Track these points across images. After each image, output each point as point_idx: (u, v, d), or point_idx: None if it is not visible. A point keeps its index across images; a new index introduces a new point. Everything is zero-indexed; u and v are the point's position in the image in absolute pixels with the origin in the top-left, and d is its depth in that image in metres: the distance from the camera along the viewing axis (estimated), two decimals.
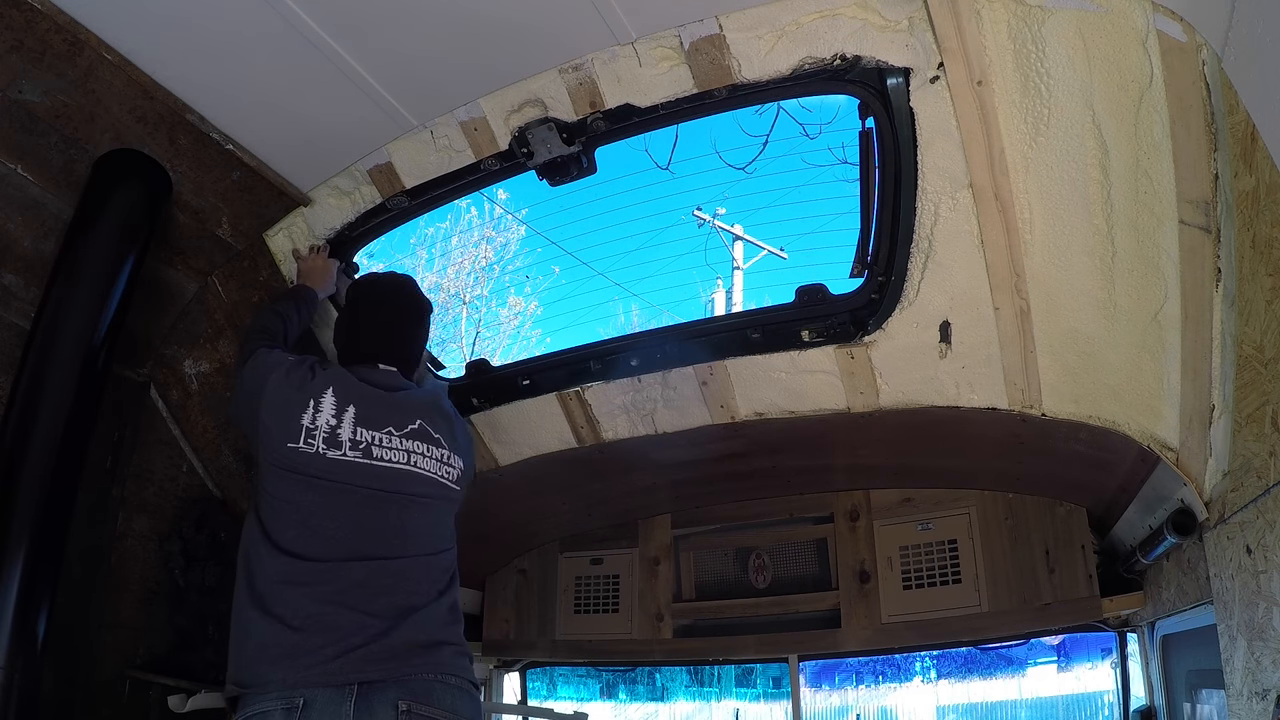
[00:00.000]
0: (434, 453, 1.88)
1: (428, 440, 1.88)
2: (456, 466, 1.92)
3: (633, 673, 6.08)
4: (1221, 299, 1.55)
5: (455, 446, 1.94)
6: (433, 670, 1.63)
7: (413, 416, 1.90)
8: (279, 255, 2.41)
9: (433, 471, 1.87)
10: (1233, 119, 1.36)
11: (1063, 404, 2.04)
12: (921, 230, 1.87)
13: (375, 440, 1.82)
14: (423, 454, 1.87)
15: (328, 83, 1.87)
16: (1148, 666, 2.67)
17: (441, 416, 1.96)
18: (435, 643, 1.67)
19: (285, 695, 1.53)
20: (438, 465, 1.88)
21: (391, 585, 1.71)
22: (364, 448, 1.81)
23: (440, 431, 1.92)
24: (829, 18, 1.67)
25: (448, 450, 1.91)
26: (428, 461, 1.87)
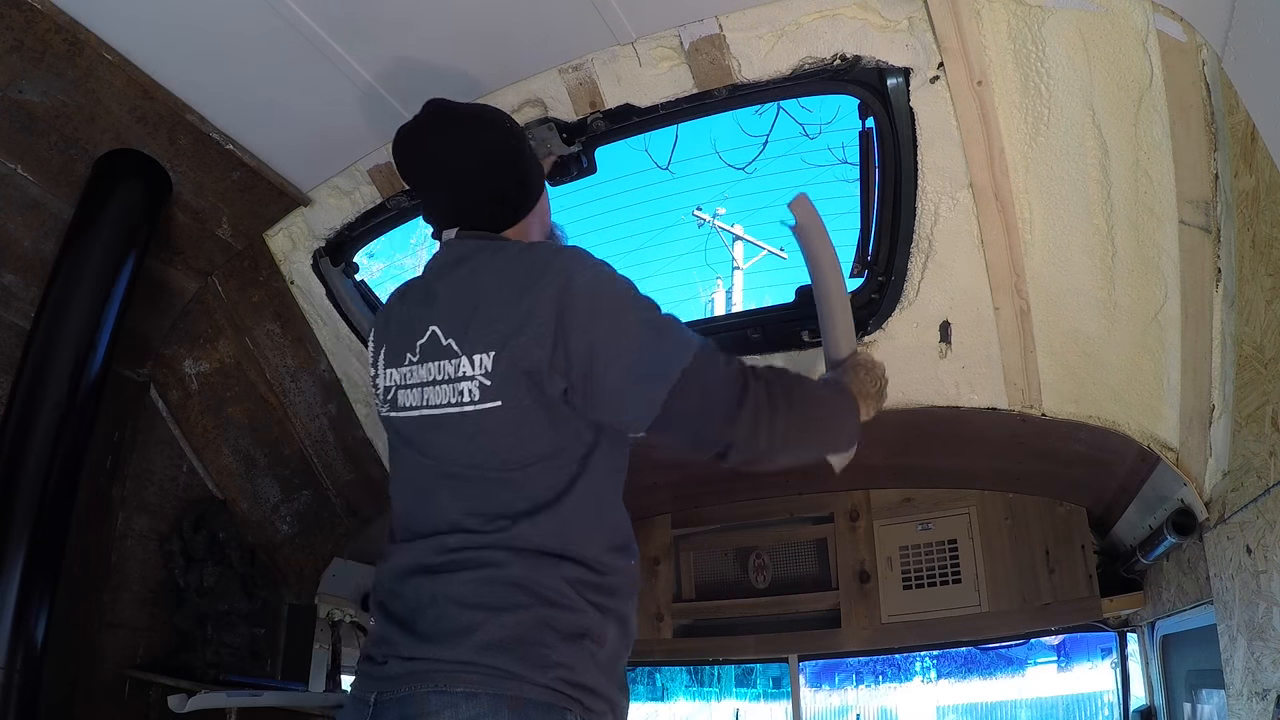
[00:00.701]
0: (446, 370, 1.24)
1: (438, 355, 1.26)
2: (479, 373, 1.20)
3: (632, 673, 6.10)
4: (1221, 299, 1.55)
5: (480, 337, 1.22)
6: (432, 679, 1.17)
7: (429, 322, 1.28)
8: (279, 255, 2.42)
9: (444, 403, 1.24)
10: (1233, 119, 1.36)
11: (1063, 404, 2.04)
12: (921, 230, 1.87)
13: (400, 380, 1.32)
14: (432, 381, 1.26)
15: (328, 83, 1.87)
16: (1148, 666, 2.67)
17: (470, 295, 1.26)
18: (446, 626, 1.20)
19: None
20: (450, 391, 1.23)
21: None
22: (392, 398, 1.34)
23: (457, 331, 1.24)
24: (829, 18, 1.67)
25: (460, 355, 1.23)
26: (439, 391, 1.25)
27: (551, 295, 1.18)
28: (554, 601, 1.18)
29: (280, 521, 2.84)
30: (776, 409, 1.25)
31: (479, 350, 1.21)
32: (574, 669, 1.17)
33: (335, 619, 3.22)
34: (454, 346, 1.24)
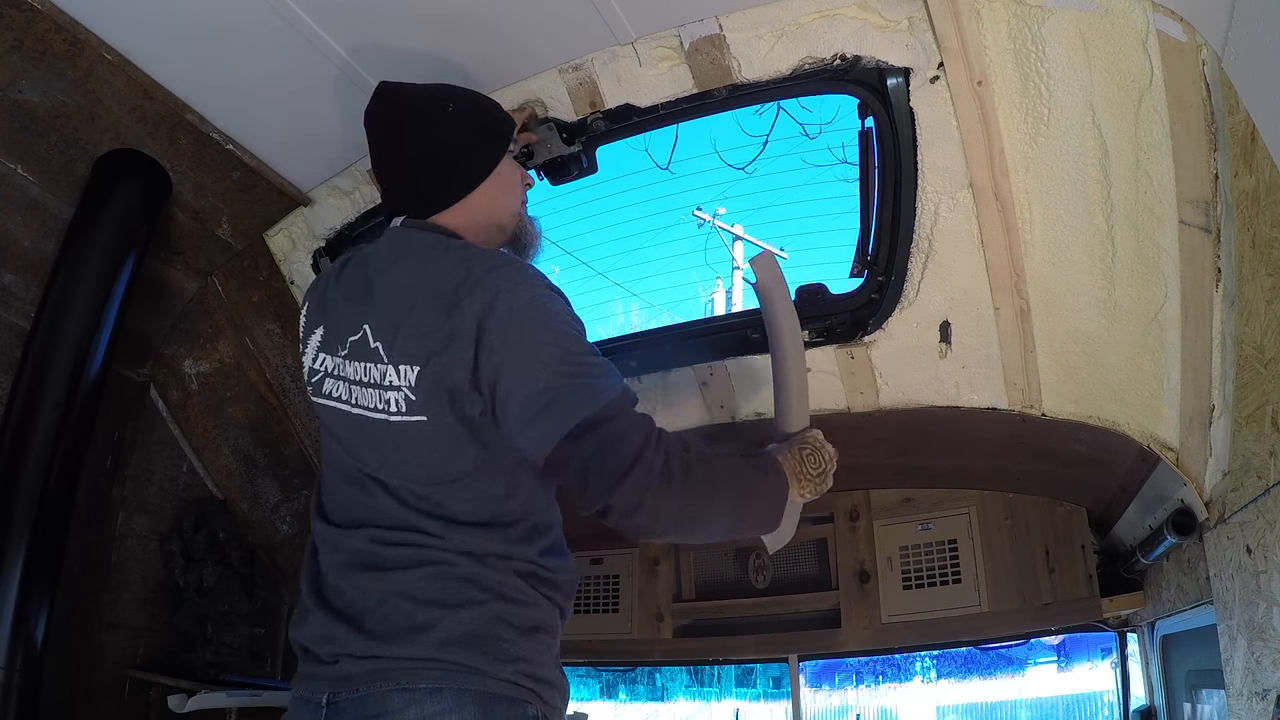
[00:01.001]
0: (372, 374, 1.20)
1: (365, 357, 1.21)
2: (404, 383, 1.16)
3: (633, 673, 6.08)
4: (1221, 299, 1.55)
5: (405, 349, 1.17)
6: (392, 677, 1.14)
7: (362, 320, 1.23)
8: (279, 255, 2.42)
9: (370, 407, 1.20)
10: (1233, 119, 1.36)
11: (1063, 404, 2.04)
12: (921, 230, 1.87)
13: (333, 370, 1.27)
14: (359, 382, 1.22)
15: (328, 83, 1.87)
16: (1148, 666, 2.67)
17: (400, 300, 1.20)
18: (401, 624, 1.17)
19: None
20: (376, 395, 1.19)
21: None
22: (321, 386, 1.29)
23: (384, 336, 1.20)
24: (829, 18, 1.67)
25: (386, 363, 1.18)
26: (366, 393, 1.21)
27: (475, 313, 1.13)
28: (508, 597, 1.17)
29: (280, 521, 2.84)
30: (670, 484, 1.15)
31: (404, 362, 1.17)
32: (532, 662, 1.16)
33: None
34: (381, 352, 1.19)
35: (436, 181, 1.33)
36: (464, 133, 1.36)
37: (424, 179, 1.33)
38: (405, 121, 1.34)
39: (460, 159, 1.35)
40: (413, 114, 1.35)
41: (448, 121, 1.35)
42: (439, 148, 1.34)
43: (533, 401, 1.13)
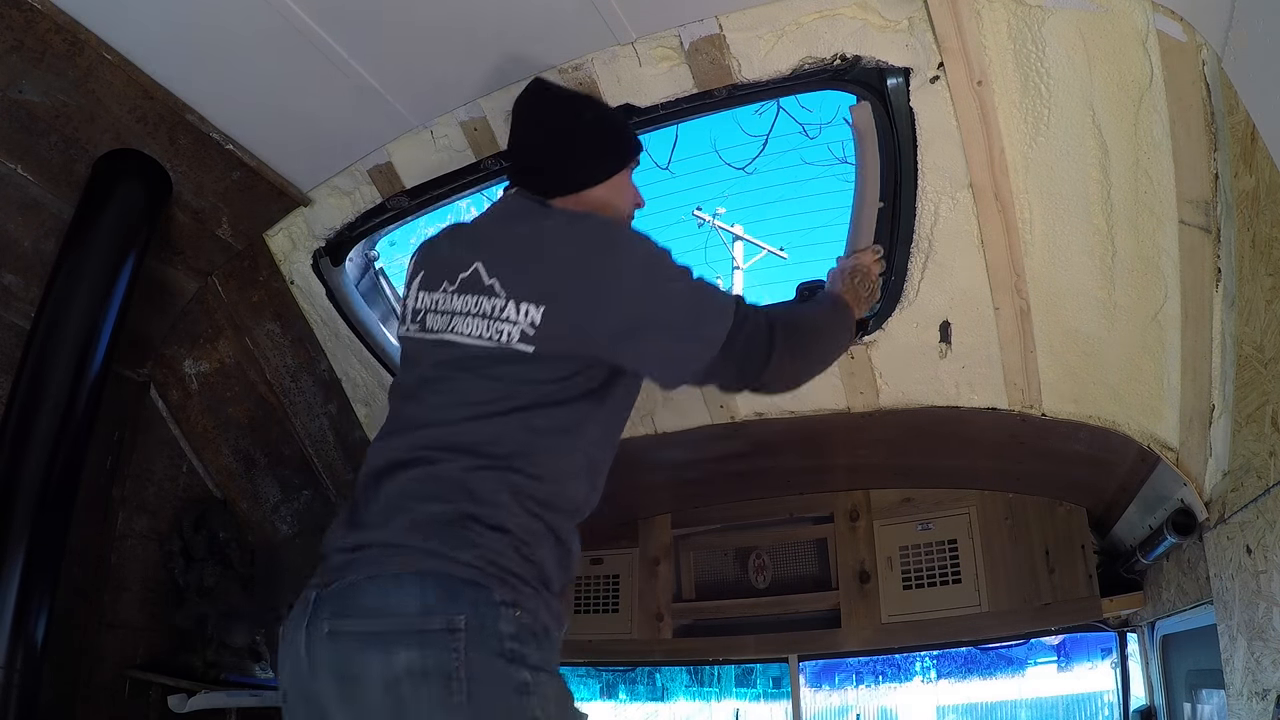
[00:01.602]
0: (482, 306, 1.29)
1: (477, 290, 1.30)
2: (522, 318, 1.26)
3: (633, 673, 6.08)
4: (1221, 299, 1.55)
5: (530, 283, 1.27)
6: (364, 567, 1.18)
7: (473, 257, 1.34)
8: (279, 255, 2.42)
9: (471, 334, 1.29)
10: (1233, 119, 1.36)
11: (1063, 404, 2.04)
12: (921, 230, 1.87)
13: (432, 304, 1.37)
14: (464, 312, 1.31)
15: (328, 83, 1.87)
16: (1148, 666, 2.67)
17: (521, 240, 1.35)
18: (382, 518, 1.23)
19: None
20: (482, 324, 1.28)
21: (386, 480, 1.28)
22: (421, 317, 1.39)
23: (501, 272, 1.29)
24: (829, 18, 1.67)
25: (504, 299, 1.27)
26: (468, 322, 1.30)
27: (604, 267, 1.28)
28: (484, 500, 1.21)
29: (280, 521, 2.84)
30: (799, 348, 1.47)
31: (528, 300, 1.26)
32: (498, 553, 1.18)
33: None
34: (497, 287, 1.29)
35: (556, 171, 1.50)
36: (590, 139, 1.54)
37: (547, 166, 1.51)
38: (543, 116, 1.55)
39: (581, 161, 1.52)
40: (553, 112, 1.55)
41: (581, 126, 1.54)
42: (566, 144, 1.52)
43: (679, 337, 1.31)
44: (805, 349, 1.49)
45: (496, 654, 1.11)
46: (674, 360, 1.34)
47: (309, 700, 1.16)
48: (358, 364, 2.61)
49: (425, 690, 1.08)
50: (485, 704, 1.08)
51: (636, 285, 1.29)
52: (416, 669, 1.08)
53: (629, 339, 1.29)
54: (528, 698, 1.12)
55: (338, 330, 2.53)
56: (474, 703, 1.07)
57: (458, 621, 1.10)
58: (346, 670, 1.11)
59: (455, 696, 1.07)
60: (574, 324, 1.27)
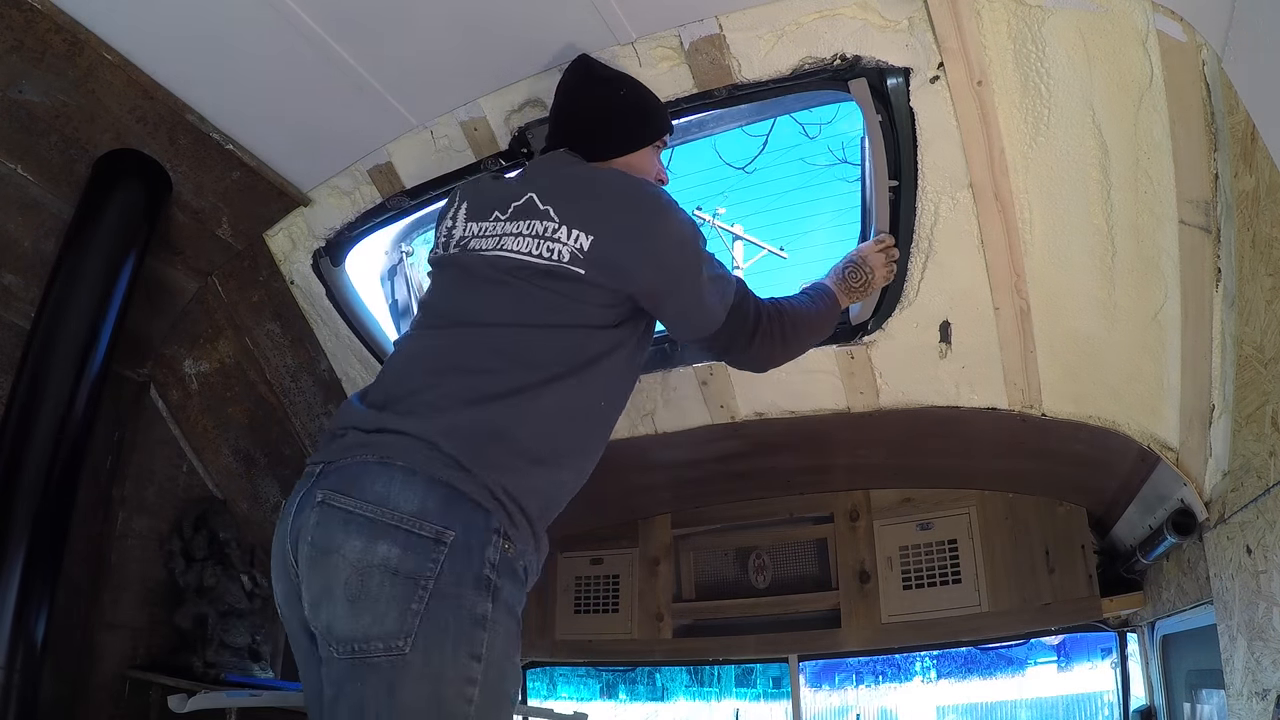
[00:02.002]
0: (535, 228, 1.39)
1: (530, 215, 1.42)
2: (572, 242, 1.36)
3: (633, 673, 6.08)
4: (1221, 299, 1.55)
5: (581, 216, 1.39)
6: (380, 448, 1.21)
7: (526, 190, 1.46)
8: (279, 255, 2.42)
9: (523, 251, 1.38)
10: (1233, 119, 1.36)
11: (1063, 404, 2.04)
12: (921, 230, 1.87)
13: (479, 231, 1.47)
14: (516, 233, 1.41)
15: (328, 83, 1.87)
16: (1148, 666, 2.67)
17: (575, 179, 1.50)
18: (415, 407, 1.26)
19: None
20: (534, 243, 1.38)
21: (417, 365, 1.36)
22: (465, 242, 1.48)
23: (557, 198, 1.42)
24: (829, 18, 1.67)
25: (558, 223, 1.38)
26: (520, 240, 1.39)
27: (649, 217, 1.43)
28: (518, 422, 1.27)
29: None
30: (779, 333, 1.61)
31: (579, 228, 1.38)
32: (513, 479, 1.23)
33: None
34: (551, 213, 1.41)
35: (594, 135, 1.63)
36: (626, 110, 1.67)
37: (586, 130, 1.64)
38: (586, 87, 1.68)
39: (618, 128, 1.65)
40: (596, 85, 1.69)
41: (619, 98, 1.67)
42: (606, 112, 1.65)
43: (699, 305, 1.48)
44: (785, 338, 1.63)
45: (471, 578, 1.15)
46: (690, 322, 1.51)
47: (286, 568, 1.23)
48: (358, 364, 2.61)
49: (390, 586, 1.11)
50: (437, 618, 1.11)
51: (675, 250, 1.44)
52: (391, 565, 1.12)
53: (661, 294, 1.44)
54: (480, 631, 1.14)
55: (338, 330, 2.53)
56: (429, 615, 1.10)
57: (445, 536, 1.14)
58: (328, 541, 1.15)
59: (414, 604, 1.10)
60: (617, 261, 1.38)
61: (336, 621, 1.12)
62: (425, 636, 1.10)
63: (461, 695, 1.12)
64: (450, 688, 1.11)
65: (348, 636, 1.11)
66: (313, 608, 1.16)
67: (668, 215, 1.46)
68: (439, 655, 1.11)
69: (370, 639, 1.10)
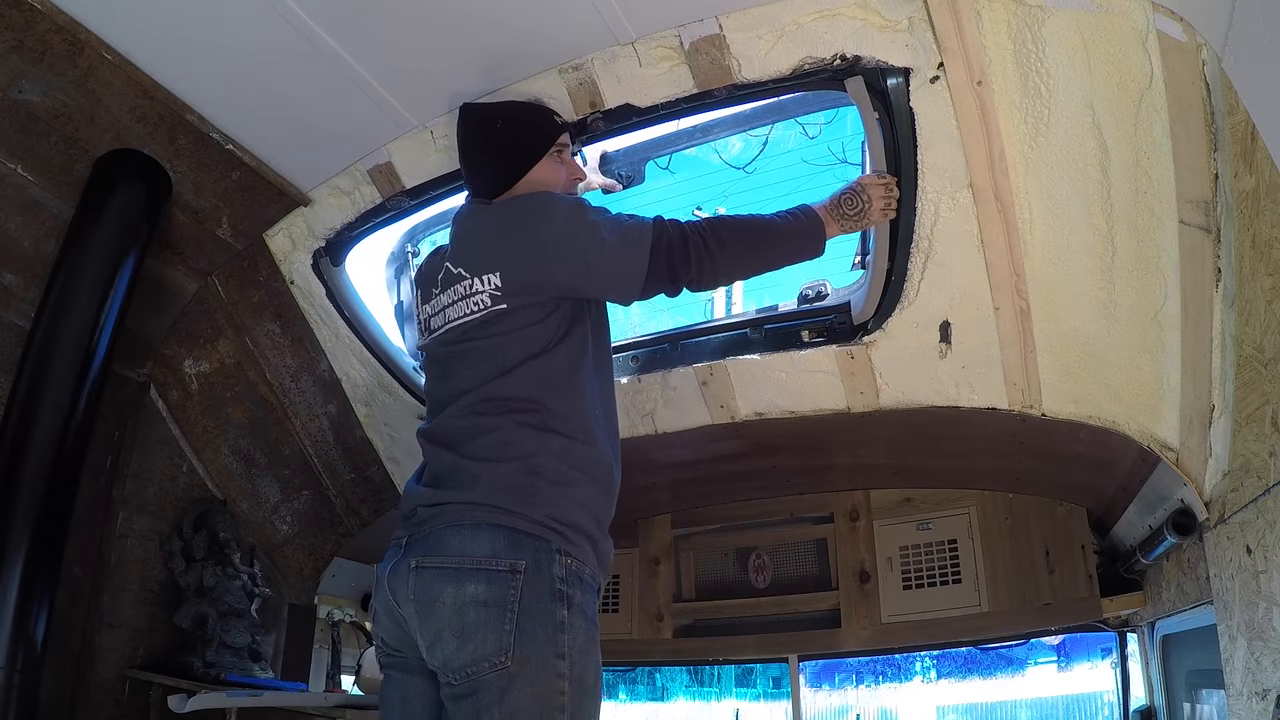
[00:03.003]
0: (458, 291, 1.58)
1: (452, 282, 1.60)
2: (487, 286, 1.54)
3: (633, 673, 6.08)
4: (1221, 299, 1.55)
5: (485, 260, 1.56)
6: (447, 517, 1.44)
7: (443, 262, 1.64)
8: (279, 255, 2.42)
9: (460, 316, 1.57)
10: (1233, 119, 1.36)
11: (1063, 404, 2.04)
12: (921, 230, 1.87)
13: (432, 310, 1.66)
14: (450, 303, 1.60)
15: (328, 83, 1.87)
16: (1148, 666, 2.67)
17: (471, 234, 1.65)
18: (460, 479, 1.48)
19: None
20: (463, 305, 1.57)
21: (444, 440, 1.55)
22: (428, 323, 1.67)
23: (461, 259, 1.60)
24: (829, 18, 1.67)
25: (470, 277, 1.56)
26: (454, 308, 1.59)
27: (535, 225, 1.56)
28: (542, 459, 1.46)
29: (280, 521, 2.84)
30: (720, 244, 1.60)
31: (486, 271, 1.55)
32: (559, 507, 1.43)
33: (335, 619, 3.22)
34: (463, 272, 1.58)
35: (486, 175, 1.74)
36: (505, 141, 1.74)
37: (480, 173, 1.76)
38: (468, 134, 1.78)
39: (502, 160, 1.73)
40: (473, 127, 1.78)
41: (494, 133, 1.75)
42: (488, 151, 1.75)
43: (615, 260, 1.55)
44: (734, 244, 1.62)
45: (547, 593, 1.37)
46: (619, 280, 1.58)
47: (395, 620, 1.45)
48: (358, 364, 2.61)
49: (485, 614, 1.34)
50: (528, 632, 1.34)
51: (566, 235, 1.54)
52: (481, 598, 1.35)
53: (580, 281, 1.55)
54: (561, 635, 1.36)
55: (338, 330, 2.53)
56: (520, 630, 1.33)
57: (519, 566, 1.37)
58: (428, 595, 1.38)
59: (506, 625, 1.33)
60: (525, 277, 1.54)
61: (451, 656, 1.35)
62: (521, 648, 1.33)
63: (555, 689, 1.34)
64: (546, 685, 1.33)
65: (461, 665, 1.34)
66: (429, 650, 1.39)
67: (546, 208, 1.57)
68: (534, 661, 1.33)
69: (479, 661, 1.33)
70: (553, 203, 1.59)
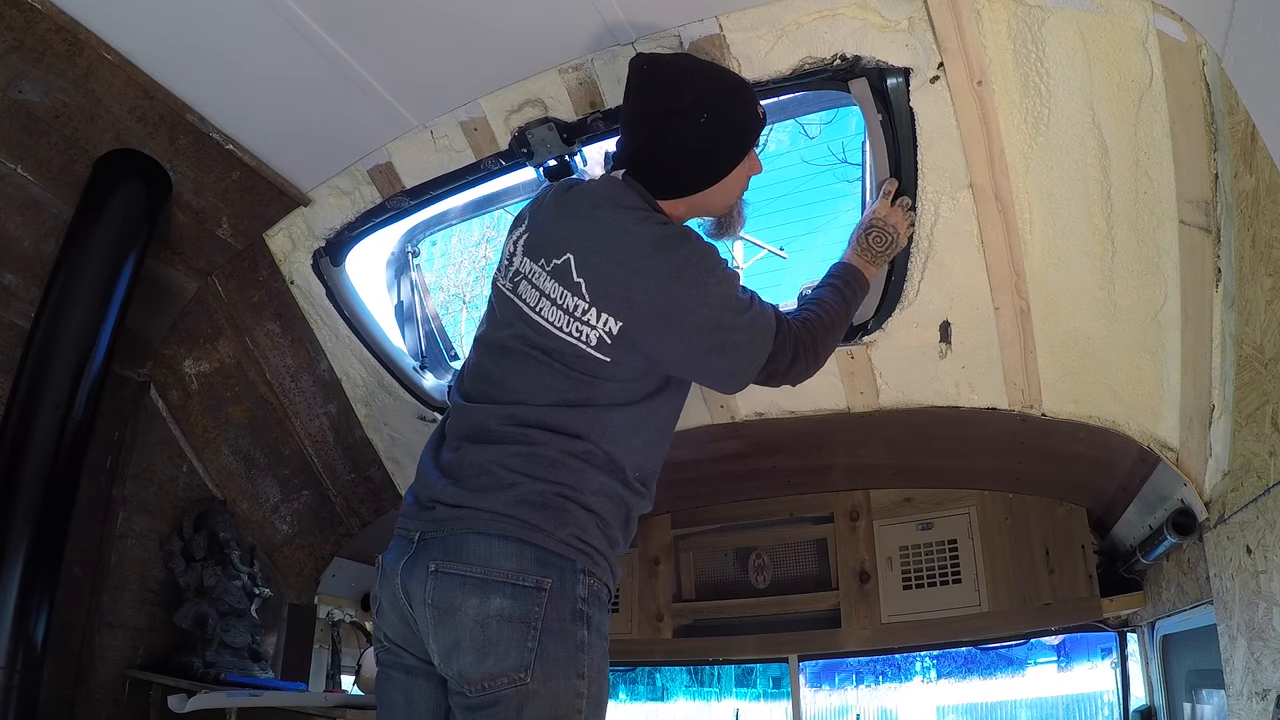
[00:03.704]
0: (567, 302, 1.43)
1: (565, 284, 1.43)
2: (599, 325, 1.41)
3: (633, 673, 6.08)
4: (1221, 299, 1.55)
5: (612, 295, 1.41)
6: (472, 523, 1.38)
7: (566, 246, 1.46)
8: (279, 255, 2.42)
9: (554, 324, 1.43)
10: (1233, 119, 1.36)
11: (1063, 404, 2.04)
12: (921, 230, 1.87)
13: (528, 272, 1.50)
14: (552, 300, 1.44)
15: (328, 83, 1.87)
16: (1148, 666, 2.67)
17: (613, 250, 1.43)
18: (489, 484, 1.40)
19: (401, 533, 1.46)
20: (566, 319, 1.43)
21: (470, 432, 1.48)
22: (518, 281, 1.51)
23: (590, 273, 1.42)
24: (829, 18, 1.67)
25: (588, 304, 1.41)
26: (554, 312, 1.44)
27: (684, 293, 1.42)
28: (578, 485, 1.41)
29: (280, 521, 2.84)
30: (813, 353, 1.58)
31: (608, 311, 1.41)
32: (585, 530, 1.40)
33: (335, 619, 3.22)
34: (584, 288, 1.43)
35: (669, 179, 1.54)
36: (705, 143, 1.52)
37: (660, 172, 1.54)
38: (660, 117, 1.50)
39: (694, 167, 1.54)
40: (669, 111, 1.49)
41: (697, 132, 1.50)
42: (679, 149, 1.52)
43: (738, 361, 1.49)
44: (822, 345, 1.61)
45: (569, 612, 1.35)
46: (732, 378, 1.52)
47: (404, 618, 1.40)
48: (358, 364, 2.61)
49: (508, 630, 1.31)
50: (549, 651, 1.31)
51: (709, 317, 1.44)
52: (505, 613, 1.32)
53: (695, 363, 1.48)
54: (581, 654, 1.35)
55: (338, 330, 2.53)
56: (541, 648, 1.31)
57: (545, 583, 1.34)
58: (448, 603, 1.33)
59: (529, 642, 1.31)
60: (647, 342, 1.43)
61: (468, 668, 1.31)
62: (541, 666, 1.30)
63: (573, 707, 1.32)
64: (564, 703, 1.32)
65: (479, 677, 1.31)
66: (444, 659, 1.35)
67: (699, 284, 1.43)
68: (554, 680, 1.31)
69: (497, 675, 1.30)
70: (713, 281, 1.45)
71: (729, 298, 1.47)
